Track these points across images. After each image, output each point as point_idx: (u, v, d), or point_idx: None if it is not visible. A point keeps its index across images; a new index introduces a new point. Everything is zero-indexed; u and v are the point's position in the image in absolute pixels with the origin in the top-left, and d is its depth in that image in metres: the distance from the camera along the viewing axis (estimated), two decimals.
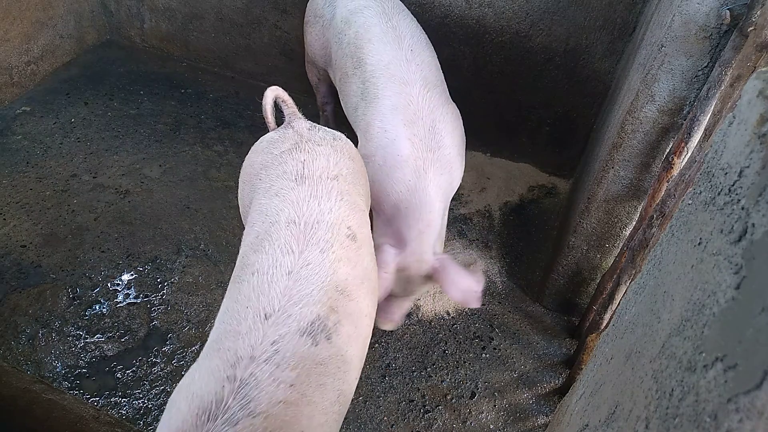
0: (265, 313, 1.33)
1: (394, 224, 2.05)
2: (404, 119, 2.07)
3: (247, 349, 1.28)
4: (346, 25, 2.31)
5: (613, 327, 1.13)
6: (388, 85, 2.12)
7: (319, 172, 1.63)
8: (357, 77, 2.22)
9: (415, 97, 2.10)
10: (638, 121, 1.86)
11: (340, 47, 2.34)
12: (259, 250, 1.47)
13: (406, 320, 2.47)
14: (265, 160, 1.74)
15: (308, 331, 1.33)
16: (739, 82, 1.40)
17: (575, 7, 2.64)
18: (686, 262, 0.73)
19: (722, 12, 1.55)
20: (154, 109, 3.37)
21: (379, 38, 2.20)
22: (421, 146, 2.05)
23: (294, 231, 1.48)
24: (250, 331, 1.31)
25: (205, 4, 3.44)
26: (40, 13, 3.34)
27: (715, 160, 0.70)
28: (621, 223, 2.15)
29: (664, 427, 0.63)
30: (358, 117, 2.22)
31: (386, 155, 2.06)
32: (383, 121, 2.10)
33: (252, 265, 1.45)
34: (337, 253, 1.47)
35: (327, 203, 1.56)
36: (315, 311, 1.36)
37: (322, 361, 1.34)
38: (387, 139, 2.07)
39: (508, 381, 2.32)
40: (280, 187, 1.60)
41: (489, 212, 3.00)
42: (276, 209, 1.55)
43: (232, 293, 1.45)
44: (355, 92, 2.24)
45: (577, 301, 2.50)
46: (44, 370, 2.17)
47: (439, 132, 2.09)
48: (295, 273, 1.40)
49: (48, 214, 2.72)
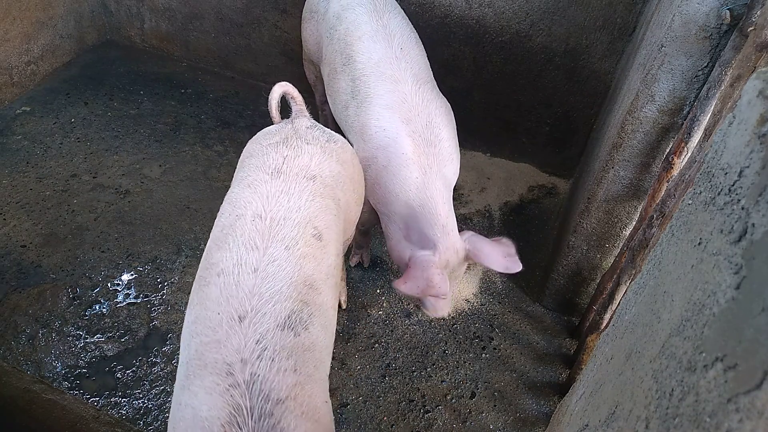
0: (238, 315, 1.31)
1: (413, 225, 2.04)
2: (401, 117, 2.07)
3: (234, 355, 1.26)
4: (338, 21, 2.31)
5: (613, 327, 1.13)
6: (379, 83, 2.12)
7: (297, 169, 1.62)
8: (346, 74, 2.21)
9: (409, 94, 2.10)
10: (638, 121, 1.86)
11: (330, 42, 2.34)
12: (223, 246, 1.45)
13: (405, 320, 2.47)
14: (253, 149, 1.75)
15: (287, 325, 1.33)
16: (739, 82, 1.40)
17: (575, 7, 2.64)
18: (686, 262, 0.73)
19: (722, 12, 1.55)
20: (154, 109, 3.37)
21: (370, 36, 2.19)
22: (421, 142, 2.05)
23: (259, 226, 1.46)
24: (229, 336, 1.29)
25: (205, 4, 3.44)
26: (40, 13, 3.34)
27: (715, 160, 0.70)
28: (621, 223, 2.15)
29: (664, 427, 0.63)
30: (349, 116, 2.20)
31: (389, 155, 2.05)
32: (380, 121, 2.09)
33: (216, 265, 1.42)
34: (302, 250, 1.47)
35: (297, 201, 1.54)
36: (288, 306, 1.36)
37: (309, 347, 1.36)
38: (388, 138, 2.06)
39: (508, 381, 2.32)
40: (254, 179, 1.60)
41: (489, 212, 2.99)
42: (245, 201, 1.54)
43: (199, 297, 1.42)
44: (344, 89, 2.22)
45: (577, 301, 2.50)
46: (44, 370, 2.17)
47: (437, 126, 2.10)
48: (261, 270, 1.39)
49: (48, 214, 2.72)
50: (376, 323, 2.46)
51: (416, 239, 2.03)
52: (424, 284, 1.89)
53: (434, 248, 1.98)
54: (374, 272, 2.65)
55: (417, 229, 2.03)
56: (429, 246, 1.99)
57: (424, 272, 1.91)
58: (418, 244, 2.02)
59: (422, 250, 1.99)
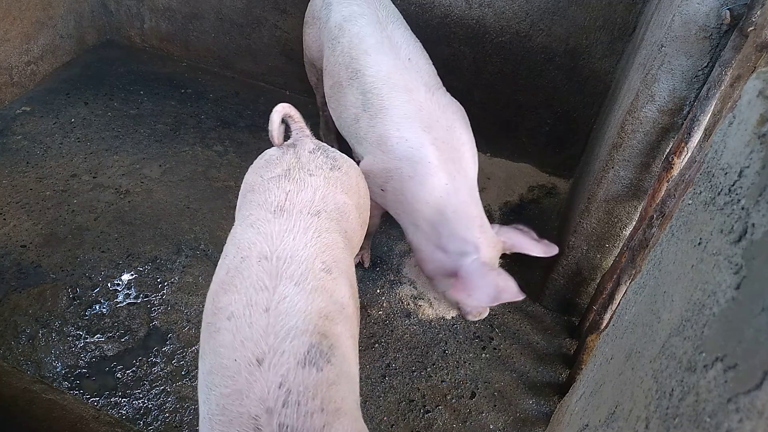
0: (256, 358, 1.26)
1: (447, 231, 2.03)
2: (421, 125, 2.06)
3: (258, 406, 1.20)
4: (340, 32, 2.30)
5: (613, 327, 1.13)
6: (393, 94, 2.11)
7: (300, 206, 1.58)
8: (354, 88, 2.20)
9: (424, 101, 2.10)
10: (638, 121, 1.86)
11: (332, 53, 2.32)
12: (231, 289, 1.40)
13: (405, 320, 2.48)
14: (254, 181, 1.70)
15: (308, 361, 1.28)
16: (739, 82, 1.40)
17: (575, 7, 2.64)
18: (686, 262, 0.73)
19: (722, 12, 1.55)
20: (154, 109, 3.37)
21: (376, 49, 2.19)
22: (446, 148, 2.06)
23: (265, 266, 1.42)
24: (250, 384, 1.23)
25: (205, 4, 3.44)
26: (40, 13, 3.34)
27: (715, 160, 0.70)
28: (621, 223, 2.15)
29: (664, 427, 0.63)
30: (361, 129, 2.20)
31: (415, 165, 2.05)
32: (401, 131, 2.08)
33: (226, 309, 1.38)
34: (313, 284, 1.42)
35: (302, 238, 1.50)
36: (306, 341, 1.31)
37: (334, 381, 1.31)
38: (411, 148, 2.05)
39: (508, 381, 2.32)
40: (256, 218, 1.55)
41: (489, 212, 3.00)
42: (249, 242, 1.49)
43: (211, 346, 1.36)
44: (353, 103, 2.21)
45: (577, 301, 2.50)
46: (44, 370, 2.17)
47: (456, 130, 2.11)
48: (273, 309, 1.34)
49: (48, 214, 2.72)
50: (376, 323, 2.46)
51: (452, 246, 2.02)
52: (494, 291, 1.88)
53: (477, 250, 1.98)
54: (374, 272, 2.65)
55: (452, 235, 2.02)
56: (469, 249, 1.98)
57: (485, 279, 1.91)
58: (455, 251, 2.01)
59: (465, 257, 1.98)
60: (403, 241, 2.77)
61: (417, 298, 2.56)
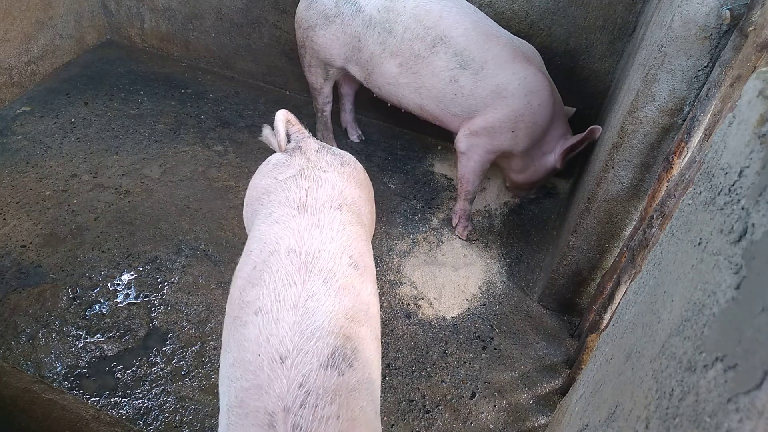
0: (279, 356, 1.26)
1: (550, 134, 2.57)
2: (525, 60, 2.39)
3: (276, 403, 1.20)
4: (390, 14, 2.42)
5: (613, 327, 1.13)
6: (489, 45, 2.37)
7: (322, 201, 1.59)
8: (442, 53, 2.40)
9: (508, 41, 2.40)
10: (638, 121, 1.86)
11: (391, 35, 2.44)
12: (258, 283, 1.41)
13: (405, 320, 2.48)
14: (269, 184, 1.70)
15: (331, 364, 1.27)
16: (739, 82, 1.40)
17: (575, 7, 2.64)
18: (686, 262, 0.73)
19: (722, 12, 1.55)
20: (154, 109, 3.37)
21: (448, 10, 2.40)
22: (544, 68, 2.51)
23: (295, 261, 1.42)
24: (271, 381, 1.23)
25: (205, 4, 3.44)
26: (40, 13, 3.35)
27: (715, 160, 0.70)
28: (621, 223, 2.15)
29: (664, 427, 0.63)
30: (464, 88, 2.42)
31: (540, 94, 2.40)
32: (517, 72, 2.37)
33: (253, 303, 1.38)
34: (341, 282, 1.43)
35: (329, 232, 1.51)
36: (331, 343, 1.30)
37: (355, 387, 1.30)
38: (532, 81, 2.38)
39: (508, 381, 2.32)
40: (280, 214, 1.56)
41: (489, 212, 3.00)
42: (276, 237, 1.50)
43: (236, 339, 1.36)
44: (444, 67, 2.41)
45: (577, 301, 2.50)
46: (44, 370, 2.17)
47: (533, 50, 2.52)
48: (300, 306, 1.34)
49: (48, 214, 2.72)
50: None
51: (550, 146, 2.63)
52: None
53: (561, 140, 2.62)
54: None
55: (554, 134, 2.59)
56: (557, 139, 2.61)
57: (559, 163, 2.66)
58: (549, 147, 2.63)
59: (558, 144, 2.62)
60: (403, 241, 2.77)
61: (417, 298, 2.56)
